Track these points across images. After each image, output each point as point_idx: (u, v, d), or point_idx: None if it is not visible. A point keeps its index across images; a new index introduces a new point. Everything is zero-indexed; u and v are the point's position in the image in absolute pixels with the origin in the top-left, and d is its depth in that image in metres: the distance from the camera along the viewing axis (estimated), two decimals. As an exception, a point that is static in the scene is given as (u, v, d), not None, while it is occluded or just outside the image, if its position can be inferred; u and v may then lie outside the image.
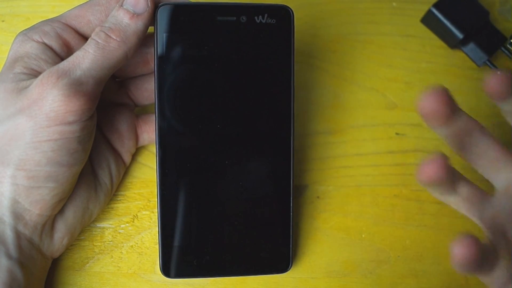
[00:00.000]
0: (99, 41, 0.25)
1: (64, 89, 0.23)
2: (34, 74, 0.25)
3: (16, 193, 0.25)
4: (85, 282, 0.30)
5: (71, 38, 0.27)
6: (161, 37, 0.26)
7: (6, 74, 0.25)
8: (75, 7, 0.27)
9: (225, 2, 0.27)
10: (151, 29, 0.27)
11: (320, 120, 0.35)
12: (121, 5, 0.26)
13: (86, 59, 0.24)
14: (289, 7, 0.27)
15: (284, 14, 0.27)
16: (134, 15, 0.25)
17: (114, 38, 0.25)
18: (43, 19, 0.27)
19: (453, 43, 0.36)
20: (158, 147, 0.27)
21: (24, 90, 0.24)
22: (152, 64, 0.29)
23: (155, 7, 0.26)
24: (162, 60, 0.26)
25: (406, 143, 0.35)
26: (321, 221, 0.33)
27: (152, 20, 0.26)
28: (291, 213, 0.29)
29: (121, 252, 0.31)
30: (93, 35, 0.25)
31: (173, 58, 0.26)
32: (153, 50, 0.27)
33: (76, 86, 0.24)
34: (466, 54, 0.36)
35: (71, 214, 0.28)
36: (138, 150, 0.33)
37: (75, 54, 0.25)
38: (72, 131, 0.24)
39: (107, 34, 0.25)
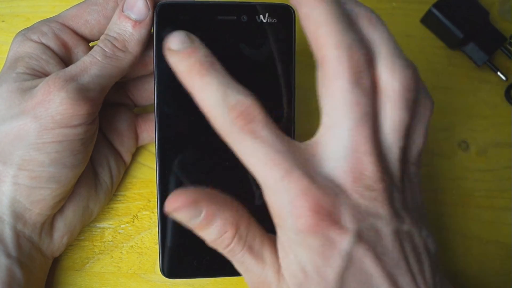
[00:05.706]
0: (107, 50, 0.25)
1: (73, 93, 0.24)
2: (37, 74, 0.25)
3: (17, 193, 0.25)
4: (85, 282, 0.30)
5: (69, 39, 0.27)
6: (161, 36, 0.26)
7: (8, 74, 0.25)
8: (73, 6, 0.27)
9: (225, 1, 0.26)
10: None
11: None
12: (122, 10, 0.26)
13: (94, 66, 0.25)
14: (290, 6, 0.26)
15: (285, 13, 0.26)
16: (136, 23, 0.25)
17: (120, 48, 0.25)
18: (43, 19, 0.27)
19: (453, 43, 0.36)
20: (158, 147, 0.27)
21: (29, 91, 0.24)
22: (151, 67, 0.29)
23: (154, 7, 0.26)
24: (161, 60, 0.26)
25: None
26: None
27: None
28: None
29: (121, 252, 0.31)
30: (99, 43, 0.25)
31: None
32: (151, 53, 0.27)
33: (83, 92, 0.24)
34: (466, 54, 0.36)
35: (70, 213, 0.28)
36: (138, 150, 0.33)
37: (82, 60, 0.25)
38: (77, 133, 0.25)
39: (113, 44, 0.25)
